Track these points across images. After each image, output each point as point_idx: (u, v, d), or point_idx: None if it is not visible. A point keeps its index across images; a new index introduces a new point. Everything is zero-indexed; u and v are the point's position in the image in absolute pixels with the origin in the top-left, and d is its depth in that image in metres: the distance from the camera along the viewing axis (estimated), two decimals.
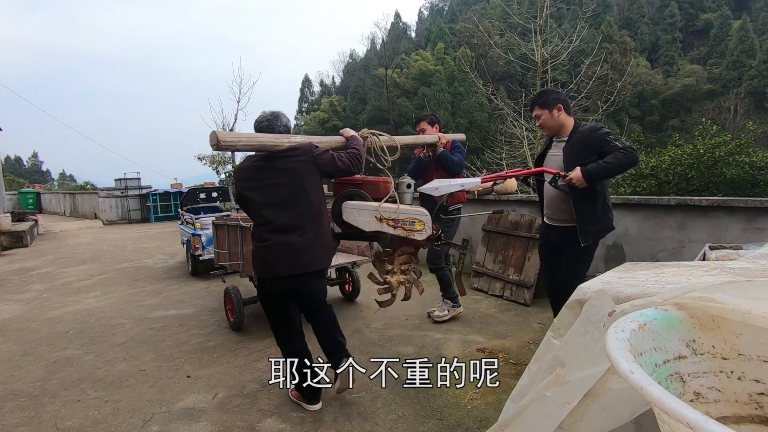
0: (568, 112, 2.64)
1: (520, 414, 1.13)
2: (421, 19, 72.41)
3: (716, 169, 10.15)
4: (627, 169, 2.56)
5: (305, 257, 2.21)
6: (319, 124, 48.03)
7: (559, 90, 2.75)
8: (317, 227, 2.25)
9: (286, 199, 2.20)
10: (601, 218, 2.55)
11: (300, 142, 2.24)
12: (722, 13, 45.93)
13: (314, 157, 2.22)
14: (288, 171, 2.18)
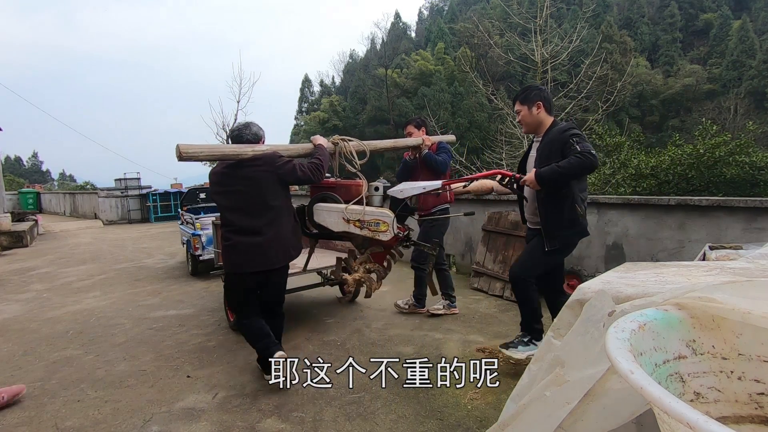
0: (549, 111, 2.58)
1: (520, 414, 1.13)
2: (421, 19, 72.42)
3: (716, 169, 10.15)
4: (581, 174, 2.39)
5: (265, 257, 2.45)
6: (319, 124, 48.03)
7: (542, 87, 2.65)
8: (275, 230, 2.48)
9: (247, 205, 2.43)
10: (570, 223, 2.45)
11: (264, 152, 2.43)
12: (722, 13, 45.93)
13: (276, 167, 2.43)
14: (250, 179, 2.41)
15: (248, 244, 2.44)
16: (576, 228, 2.48)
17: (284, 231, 2.53)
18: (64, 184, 62.78)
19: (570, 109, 10.94)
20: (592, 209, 4.20)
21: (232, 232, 2.47)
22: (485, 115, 37.21)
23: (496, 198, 5.07)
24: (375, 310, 4.10)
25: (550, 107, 2.57)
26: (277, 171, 2.44)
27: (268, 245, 2.46)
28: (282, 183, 2.51)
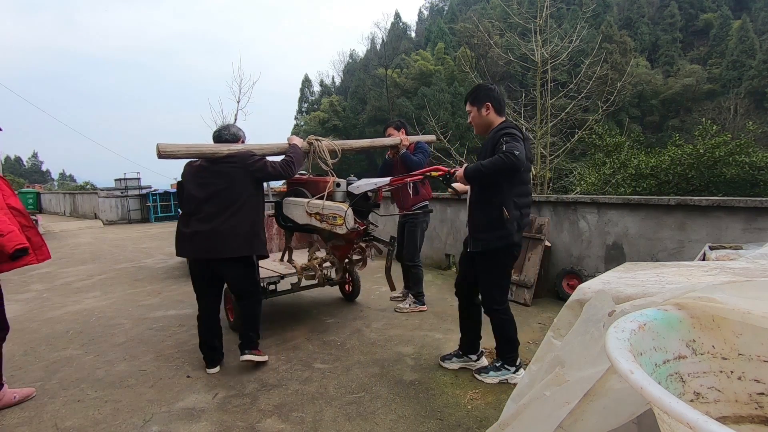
0: (498, 112, 2.49)
1: (521, 413, 1.13)
2: (421, 19, 72.44)
3: (716, 169, 10.16)
4: (500, 173, 2.25)
5: (215, 245, 2.58)
6: (319, 124, 48.03)
7: (493, 87, 2.52)
8: (236, 220, 2.60)
9: (213, 195, 2.61)
10: (492, 227, 2.37)
11: (238, 150, 2.66)
12: (722, 13, 45.94)
13: (247, 165, 2.62)
14: (222, 174, 2.62)
15: (206, 232, 2.58)
16: (498, 232, 2.36)
17: (240, 224, 2.62)
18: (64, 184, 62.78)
19: (570, 109, 10.93)
20: (592, 209, 4.20)
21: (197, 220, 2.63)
22: None
23: None
24: (375, 310, 4.10)
25: (500, 108, 2.49)
26: (249, 168, 2.63)
27: (215, 235, 2.57)
28: (253, 179, 2.67)
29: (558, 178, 14.22)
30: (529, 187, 2.49)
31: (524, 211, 2.44)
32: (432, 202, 5.94)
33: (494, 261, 2.46)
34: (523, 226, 2.45)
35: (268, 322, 3.81)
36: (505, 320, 2.53)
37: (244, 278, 2.79)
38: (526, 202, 2.45)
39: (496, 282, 2.51)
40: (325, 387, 2.59)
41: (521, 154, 2.18)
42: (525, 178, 2.44)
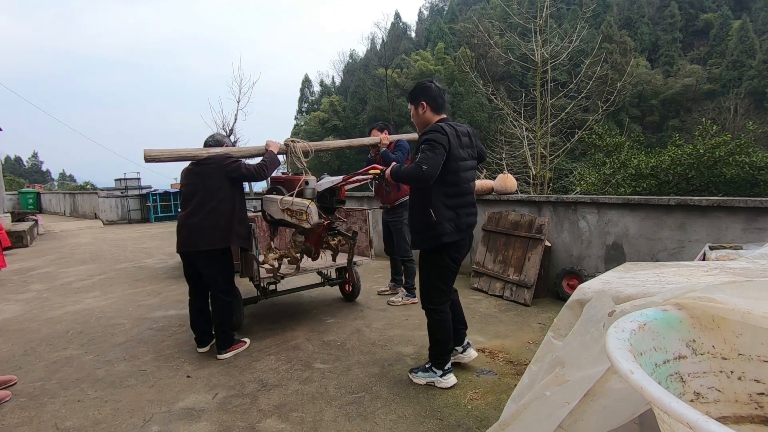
0: (436, 110, 2.46)
1: (521, 413, 1.13)
2: (421, 19, 72.44)
3: (716, 169, 10.17)
4: (409, 182, 2.37)
5: (194, 239, 2.88)
6: (319, 124, 48.03)
7: (429, 86, 2.48)
8: (211, 216, 2.87)
9: (194, 194, 2.91)
10: (422, 227, 2.40)
11: (216, 153, 2.96)
12: (722, 13, 45.94)
13: (223, 166, 2.91)
14: (201, 174, 2.92)
15: (187, 226, 2.91)
16: (427, 233, 2.38)
17: (216, 219, 2.88)
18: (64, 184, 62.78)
19: (570, 109, 10.93)
20: (592, 209, 4.20)
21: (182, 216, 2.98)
22: (485, 115, 37.19)
23: (496, 198, 5.07)
24: (375, 310, 4.10)
25: (436, 106, 2.46)
26: (224, 169, 2.91)
27: (201, 228, 2.87)
28: (230, 179, 2.94)
29: (558, 178, 14.23)
30: (466, 186, 2.42)
31: (461, 211, 2.40)
32: None
33: (429, 261, 2.48)
34: (463, 225, 2.40)
35: (268, 322, 3.81)
36: (437, 321, 2.49)
37: (216, 274, 2.98)
38: (462, 201, 2.41)
39: (431, 282, 2.50)
40: (325, 387, 2.59)
41: (430, 168, 2.20)
42: (455, 179, 2.37)
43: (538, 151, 10.50)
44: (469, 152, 2.48)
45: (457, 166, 2.36)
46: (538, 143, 10.55)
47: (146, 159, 2.82)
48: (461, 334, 2.77)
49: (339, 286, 4.52)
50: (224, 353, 3.05)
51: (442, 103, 2.47)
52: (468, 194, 2.45)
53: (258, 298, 3.73)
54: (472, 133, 2.54)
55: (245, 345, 3.22)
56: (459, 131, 2.41)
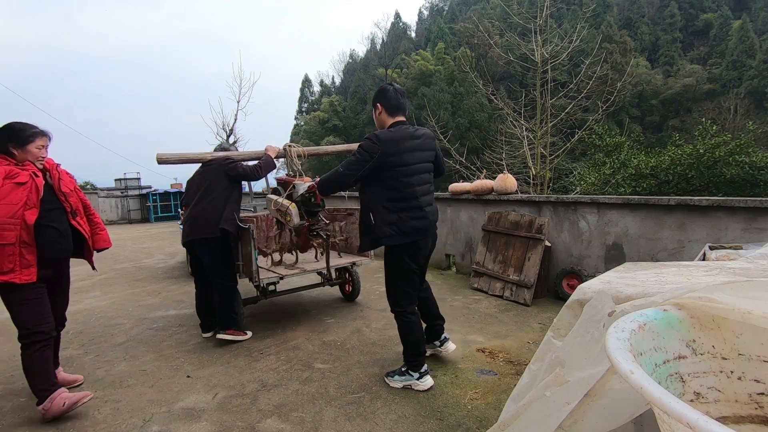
0: (390, 113, 2.51)
1: (521, 414, 1.13)
2: (421, 19, 72.43)
3: (716, 169, 10.16)
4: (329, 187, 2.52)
5: (194, 228, 3.25)
6: (319, 123, 48.04)
7: (387, 87, 2.54)
8: (207, 208, 3.23)
9: (197, 192, 3.32)
10: (369, 229, 2.46)
11: (218, 156, 3.37)
12: (722, 13, 45.92)
13: (221, 166, 3.29)
14: (204, 174, 3.36)
15: (186, 219, 3.35)
16: (369, 236, 2.47)
17: (213, 210, 3.22)
18: None
19: (570, 109, 10.93)
20: (592, 209, 4.20)
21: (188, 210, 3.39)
22: (485, 115, 37.22)
23: (496, 198, 5.07)
24: (375, 310, 4.11)
25: (390, 108, 2.50)
26: (223, 169, 3.29)
27: (194, 220, 3.25)
28: (229, 178, 3.29)
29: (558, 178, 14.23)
30: (411, 191, 2.41)
31: (404, 215, 2.40)
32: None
33: (388, 263, 2.53)
34: (408, 229, 2.40)
35: (268, 322, 3.81)
36: (405, 323, 2.50)
37: (214, 261, 3.28)
38: (405, 205, 2.41)
39: (394, 284, 2.53)
40: (325, 387, 2.59)
41: (347, 170, 2.36)
42: (397, 184, 2.39)
43: (538, 151, 10.50)
44: (421, 156, 2.48)
45: (399, 171, 2.38)
46: (538, 143, 10.55)
47: (158, 161, 3.25)
48: (438, 327, 2.82)
49: (339, 286, 4.52)
50: (223, 333, 3.28)
51: (397, 106, 2.51)
52: (414, 198, 2.42)
53: (258, 298, 3.73)
54: (429, 135, 2.57)
55: (246, 336, 3.38)
56: (405, 136, 2.41)
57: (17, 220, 2.18)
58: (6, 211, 2.16)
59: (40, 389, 2.31)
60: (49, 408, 2.28)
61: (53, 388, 2.33)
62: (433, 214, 2.53)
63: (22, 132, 2.32)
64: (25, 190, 2.23)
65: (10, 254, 2.17)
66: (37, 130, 2.38)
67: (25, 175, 2.25)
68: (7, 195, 2.18)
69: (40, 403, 2.30)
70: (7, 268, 2.17)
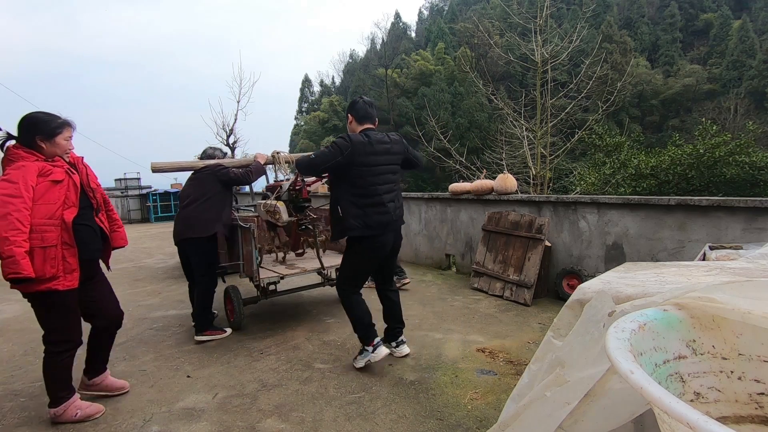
0: (359, 122, 2.79)
1: (521, 414, 1.13)
2: (421, 19, 72.40)
3: (716, 169, 10.16)
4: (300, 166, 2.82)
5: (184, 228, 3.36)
6: (319, 123, 48.04)
7: (356, 101, 2.84)
8: (197, 210, 3.35)
9: (189, 195, 3.44)
10: (338, 221, 2.71)
11: (210, 163, 3.53)
12: (722, 13, 45.90)
13: (214, 173, 3.44)
14: (197, 180, 3.48)
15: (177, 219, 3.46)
16: (338, 227, 2.73)
17: (201, 212, 3.35)
18: None
19: (570, 109, 10.93)
20: (592, 209, 4.20)
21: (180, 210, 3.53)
22: (485, 115, 37.20)
23: (496, 198, 5.07)
24: (375, 310, 4.09)
25: (358, 117, 2.80)
26: (215, 175, 3.44)
27: (184, 220, 3.36)
28: (221, 183, 3.44)
29: (558, 178, 14.24)
30: (374, 189, 2.68)
31: (368, 210, 2.66)
32: (432, 203, 5.97)
33: (347, 250, 2.82)
34: (373, 223, 2.66)
35: (268, 322, 3.81)
36: (345, 300, 2.81)
37: (201, 261, 3.41)
38: (370, 201, 2.66)
39: (345, 267, 2.84)
40: (325, 387, 2.59)
41: (318, 159, 2.65)
42: (362, 182, 2.65)
43: (538, 151, 10.50)
44: (387, 159, 2.74)
45: (365, 171, 2.65)
46: (538, 143, 10.55)
47: (153, 170, 3.44)
48: (398, 331, 3.02)
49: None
50: (201, 335, 3.38)
51: (365, 115, 2.80)
52: (377, 195, 2.68)
53: (258, 298, 3.73)
54: (397, 141, 2.83)
55: (224, 334, 3.46)
56: (375, 140, 2.69)
57: (56, 220, 2.07)
58: (45, 211, 2.04)
59: (59, 396, 2.24)
60: (61, 414, 2.23)
61: (70, 395, 2.28)
62: (395, 210, 2.78)
63: (48, 123, 2.15)
64: (63, 188, 2.11)
65: (53, 257, 2.05)
66: (62, 120, 2.22)
67: (60, 172, 2.13)
68: (44, 194, 2.06)
69: (53, 406, 2.24)
70: (49, 274, 2.03)
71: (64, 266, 2.10)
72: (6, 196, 1.96)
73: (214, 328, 3.47)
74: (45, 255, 2.03)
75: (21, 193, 1.98)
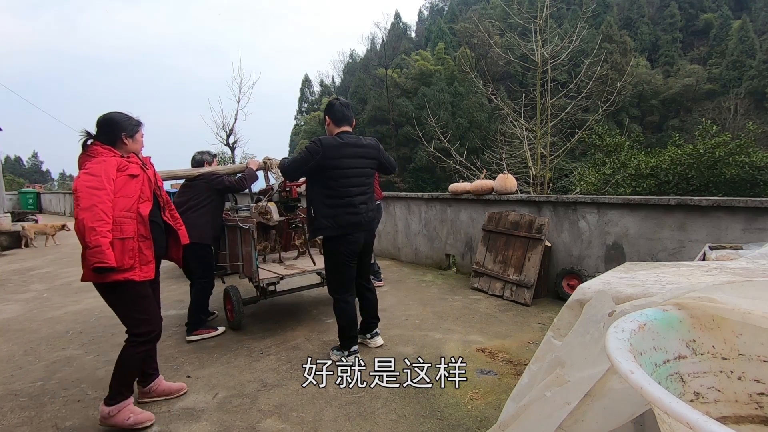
0: (336, 124, 2.84)
1: (521, 414, 1.13)
2: (421, 19, 72.38)
3: (716, 169, 10.16)
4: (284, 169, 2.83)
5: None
6: (319, 124, 47.96)
7: (333, 103, 2.88)
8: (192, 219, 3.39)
9: (184, 203, 3.52)
10: (311, 221, 2.83)
11: (204, 171, 3.63)
12: (722, 13, 45.90)
13: (209, 180, 3.57)
14: (191, 188, 3.59)
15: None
16: (312, 225, 2.83)
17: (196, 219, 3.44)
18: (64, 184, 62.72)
19: (570, 109, 10.93)
20: (592, 209, 4.20)
21: None
22: (485, 115, 37.20)
23: (496, 198, 5.07)
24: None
25: (335, 119, 2.85)
26: (211, 183, 3.57)
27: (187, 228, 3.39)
28: (216, 191, 3.58)
29: (558, 178, 14.22)
30: (346, 190, 2.75)
31: (340, 210, 2.74)
32: (432, 203, 5.96)
33: (325, 253, 2.91)
34: (343, 222, 2.75)
35: (268, 322, 3.81)
36: (338, 308, 2.88)
37: (197, 264, 3.52)
38: (341, 202, 2.75)
39: (330, 271, 2.91)
40: (325, 387, 2.58)
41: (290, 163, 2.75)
42: (335, 183, 2.73)
43: (538, 151, 10.50)
44: (360, 162, 2.81)
45: (337, 173, 2.72)
46: (538, 143, 10.55)
47: None
48: (372, 324, 3.18)
49: None
50: (192, 336, 3.46)
51: (342, 118, 2.86)
52: (349, 197, 2.76)
53: (258, 298, 3.73)
54: (373, 146, 2.90)
55: (215, 332, 3.54)
56: (347, 144, 2.75)
57: (133, 213, 2.15)
58: (123, 204, 2.12)
59: (121, 391, 2.20)
60: (114, 415, 2.18)
61: (130, 395, 2.25)
62: (367, 212, 2.85)
63: (129, 121, 2.28)
64: (139, 182, 2.20)
65: (131, 249, 2.12)
66: (137, 119, 2.33)
67: (136, 168, 2.22)
68: (122, 187, 2.13)
69: (110, 403, 2.18)
70: (127, 265, 2.10)
71: (140, 258, 2.18)
72: (91, 188, 2.02)
73: (205, 327, 3.55)
74: (123, 246, 2.10)
75: (104, 186, 2.05)
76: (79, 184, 2.03)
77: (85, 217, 1.97)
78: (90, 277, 2.08)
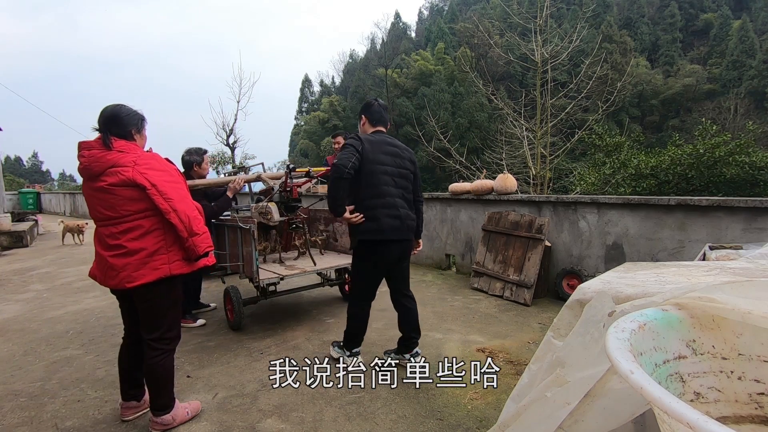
0: (372, 123, 2.74)
1: (521, 414, 1.13)
2: (421, 19, 72.38)
3: (716, 169, 10.15)
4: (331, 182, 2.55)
5: None
6: (319, 123, 48.05)
7: (371, 102, 2.77)
8: None
9: None
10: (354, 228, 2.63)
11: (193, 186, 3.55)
12: (722, 13, 45.90)
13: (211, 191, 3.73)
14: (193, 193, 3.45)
15: None
16: (354, 236, 2.61)
17: None
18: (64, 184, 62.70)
19: (570, 109, 10.93)
20: (592, 209, 4.20)
21: None
22: (485, 115, 37.19)
23: (496, 198, 5.07)
24: (375, 310, 4.07)
25: (372, 119, 2.73)
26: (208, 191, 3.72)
27: None
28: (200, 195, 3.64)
29: (558, 178, 14.23)
30: (384, 189, 2.56)
31: (380, 212, 2.54)
32: (432, 203, 5.96)
33: (354, 259, 2.78)
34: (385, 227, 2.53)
35: (268, 323, 3.81)
36: (351, 314, 2.82)
37: None
38: (380, 203, 2.55)
39: (355, 278, 2.82)
40: (326, 387, 2.58)
41: (340, 160, 2.44)
42: (374, 180, 2.54)
43: (538, 151, 10.50)
44: (396, 161, 2.65)
45: (375, 168, 2.54)
46: (538, 143, 10.54)
47: None
48: (412, 343, 2.86)
49: (339, 286, 4.52)
50: None
51: (379, 119, 2.74)
52: (389, 196, 2.58)
53: (258, 298, 3.73)
54: (409, 150, 2.77)
55: (194, 323, 3.72)
56: (383, 142, 2.64)
57: None
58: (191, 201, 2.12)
59: (169, 398, 2.16)
60: (177, 418, 2.17)
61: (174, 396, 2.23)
62: (406, 219, 2.62)
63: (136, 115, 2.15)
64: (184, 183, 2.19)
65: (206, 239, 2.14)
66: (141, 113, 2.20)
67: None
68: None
69: (165, 411, 2.14)
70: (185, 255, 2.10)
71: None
72: (170, 182, 2.02)
73: (185, 318, 3.68)
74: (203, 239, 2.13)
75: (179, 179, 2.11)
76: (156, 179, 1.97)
77: (185, 208, 2.02)
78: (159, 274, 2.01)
